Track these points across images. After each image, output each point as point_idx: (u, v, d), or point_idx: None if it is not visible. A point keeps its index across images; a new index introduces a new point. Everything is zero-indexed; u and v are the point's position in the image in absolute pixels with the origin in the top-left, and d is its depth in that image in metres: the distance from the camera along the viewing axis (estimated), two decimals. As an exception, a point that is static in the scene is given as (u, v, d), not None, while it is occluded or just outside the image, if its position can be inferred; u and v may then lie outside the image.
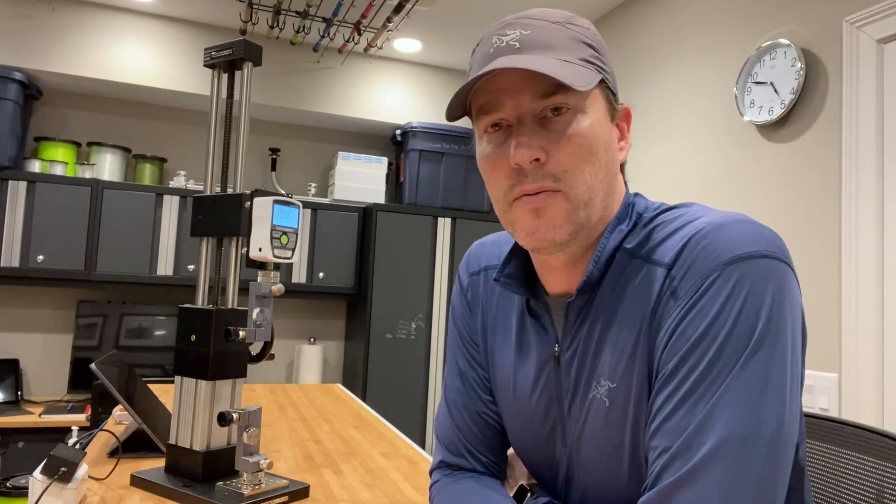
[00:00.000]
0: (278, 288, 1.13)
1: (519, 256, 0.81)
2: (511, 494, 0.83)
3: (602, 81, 0.71)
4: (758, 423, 0.58)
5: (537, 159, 0.68)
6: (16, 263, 3.07)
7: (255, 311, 1.12)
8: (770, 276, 0.62)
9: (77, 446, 1.19)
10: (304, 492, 1.13)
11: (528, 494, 0.81)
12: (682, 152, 2.57)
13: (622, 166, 0.77)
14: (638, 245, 0.71)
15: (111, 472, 1.21)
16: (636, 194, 0.77)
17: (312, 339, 3.81)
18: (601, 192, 0.70)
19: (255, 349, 1.23)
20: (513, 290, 0.79)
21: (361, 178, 3.72)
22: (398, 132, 3.81)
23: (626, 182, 0.78)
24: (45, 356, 3.39)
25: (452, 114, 0.73)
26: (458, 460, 0.86)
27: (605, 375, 0.70)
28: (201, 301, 1.22)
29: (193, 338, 1.16)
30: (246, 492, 1.07)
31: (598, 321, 0.72)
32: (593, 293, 0.73)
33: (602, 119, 0.71)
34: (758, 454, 0.58)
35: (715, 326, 0.61)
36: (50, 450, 1.07)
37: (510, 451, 0.90)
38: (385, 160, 3.77)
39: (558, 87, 0.67)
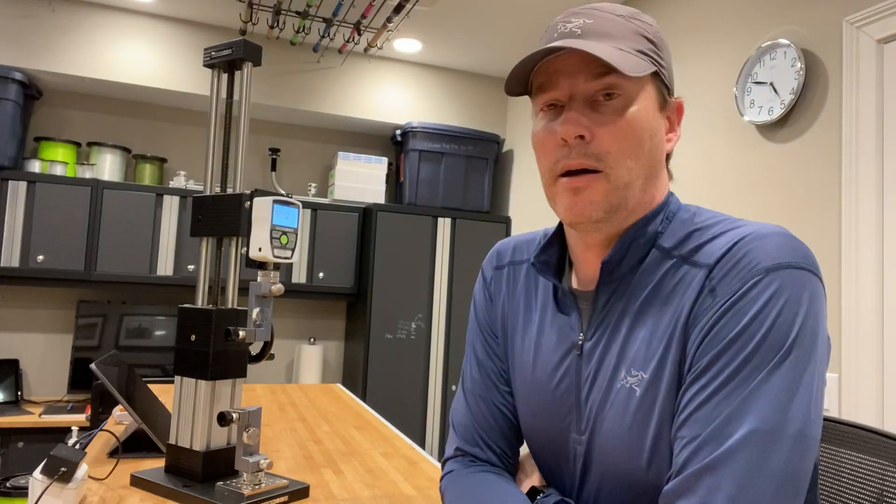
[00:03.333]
0: (278, 288, 1.13)
1: (557, 245, 0.84)
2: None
3: (656, 73, 0.75)
4: (785, 420, 0.61)
5: (582, 136, 0.71)
6: (16, 263, 3.07)
7: (255, 311, 1.12)
8: (806, 286, 0.65)
9: (77, 446, 1.19)
10: (304, 492, 1.13)
11: (540, 495, 0.81)
12: (682, 152, 2.57)
13: (669, 157, 0.80)
14: (676, 246, 0.74)
15: (111, 472, 1.21)
16: (671, 193, 0.80)
17: (312, 339, 3.81)
18: (641, 177, 0.74)
19: (255, 349, 1.23)
20: (545, 276, 0.83)
21: (361, 178, 3.72)
22: (398, 132, 3.81)
23: (670, 172, 0.81)
24: (45, 356, 3.39)
25: (513, 89, 0.77)
26: (473, 450, 0.88)
27: (636, 366, 0.72)
28: (201, 301, 1.22)
29: (193, 338, 1.16)
30: (246, 492, 1.07)
31: (627, 315, 0.74)
32: (621, 286, 0.76)
33: (650, 108, 0.74)
34: (783, 449, 0.60)
35: (752, 326, 0.64)
36: (50, 450, 1.07)
37: (523, 451, 0.91)
38: (385, 160, 3.77)
39: (611, 72, 0.71)
